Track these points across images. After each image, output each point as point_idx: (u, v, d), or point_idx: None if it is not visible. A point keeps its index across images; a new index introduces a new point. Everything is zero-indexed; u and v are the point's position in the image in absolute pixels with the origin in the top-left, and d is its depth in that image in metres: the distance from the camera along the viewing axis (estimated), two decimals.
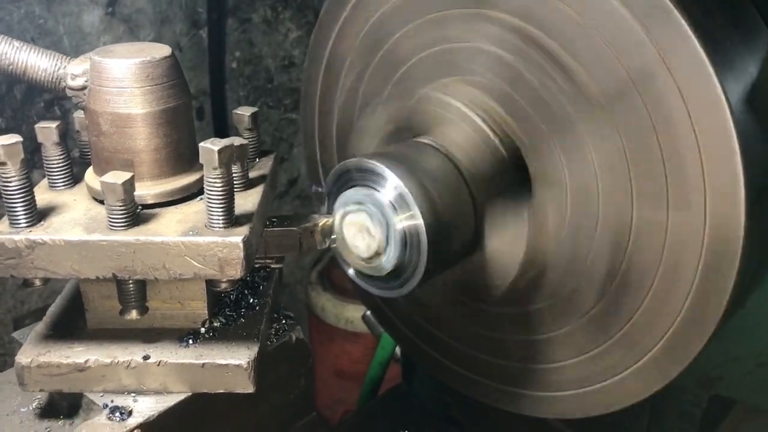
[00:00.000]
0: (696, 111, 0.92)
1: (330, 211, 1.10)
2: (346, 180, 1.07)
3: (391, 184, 1.02)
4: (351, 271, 1.11)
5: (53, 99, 2.05)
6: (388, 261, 1.04)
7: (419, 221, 1.01)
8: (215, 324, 1.04)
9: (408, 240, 1.02)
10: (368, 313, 1.78)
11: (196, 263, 0.92)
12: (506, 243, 1.14)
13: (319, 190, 1.41)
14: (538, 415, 1.26)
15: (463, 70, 1.14)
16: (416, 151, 1.12)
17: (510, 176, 1.13)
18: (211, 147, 0.90)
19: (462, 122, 1.12)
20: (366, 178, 1.04)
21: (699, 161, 0.93)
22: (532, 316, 1.18)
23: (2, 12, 1.88)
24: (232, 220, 0.93)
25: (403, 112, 1.21)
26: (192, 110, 1.02)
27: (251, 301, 1.10)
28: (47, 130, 0.99)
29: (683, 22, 0.91)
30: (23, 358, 0.97)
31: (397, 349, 1.94)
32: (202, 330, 1.03)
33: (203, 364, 0.98)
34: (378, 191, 1.03)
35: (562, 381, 1.19)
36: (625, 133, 0.99)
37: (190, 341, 1.01)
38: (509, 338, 1.24)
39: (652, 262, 1.01)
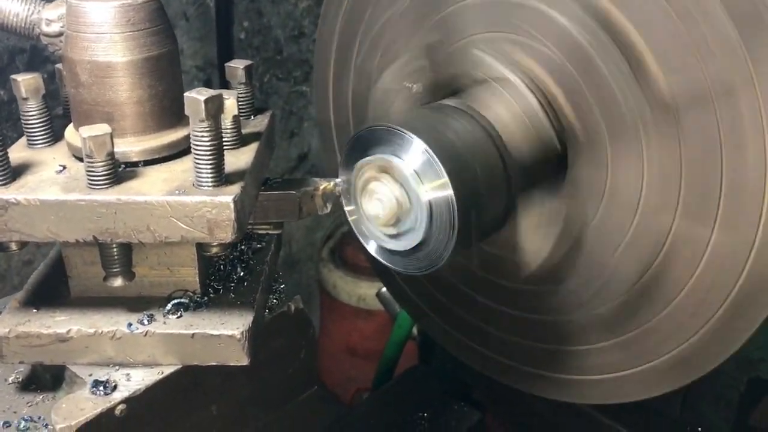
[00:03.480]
0: None
1: (347, 181, 1.00)
2: (365, 146, 0.96)
3: (417, 150, 0.91)
4: (372, 248, 1.01)
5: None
6: (413, 235, 0.94)
7: (449, 192, 0.91)
8: (207, 292, 0.97)
9: (435, 212, 0.91)
10: (383, 290, 1.70)
11: (183, 225, 0.85)
12: (541, 220, 1.05)
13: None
14: (563, 399, 1.19)
15: (519, 31, 1.00)
16: (447, 115, 1.01)
17: (554, 166, 1.03)
18: (196, 97, 0.82)
19: (514, 100, 1.01)
20: (389, 143, 0.94)
21: (763, 186, 0.87)
22: (560, 296, 1.09)
23: None
24: (222, 179, 0.86)
25: (437, 65, 1.09)
26: (179, 60, 0.94)
27: (246, 269, 1.03)
28: (22, 83, 0.92)
29: None
30: (1, 327, 0.91)
31: (414, 329, 1.87)
32: (194, 298, 0.96)
33: (193, 334, 0.91)
34: (401, 158, 0.92)
35: (589, 365, 1.11)
36: (687, 145, 0.91)
37: (180, 310, 0.94)
38: (534, 318, 1.15)
39: (684, 277, 0.96)
